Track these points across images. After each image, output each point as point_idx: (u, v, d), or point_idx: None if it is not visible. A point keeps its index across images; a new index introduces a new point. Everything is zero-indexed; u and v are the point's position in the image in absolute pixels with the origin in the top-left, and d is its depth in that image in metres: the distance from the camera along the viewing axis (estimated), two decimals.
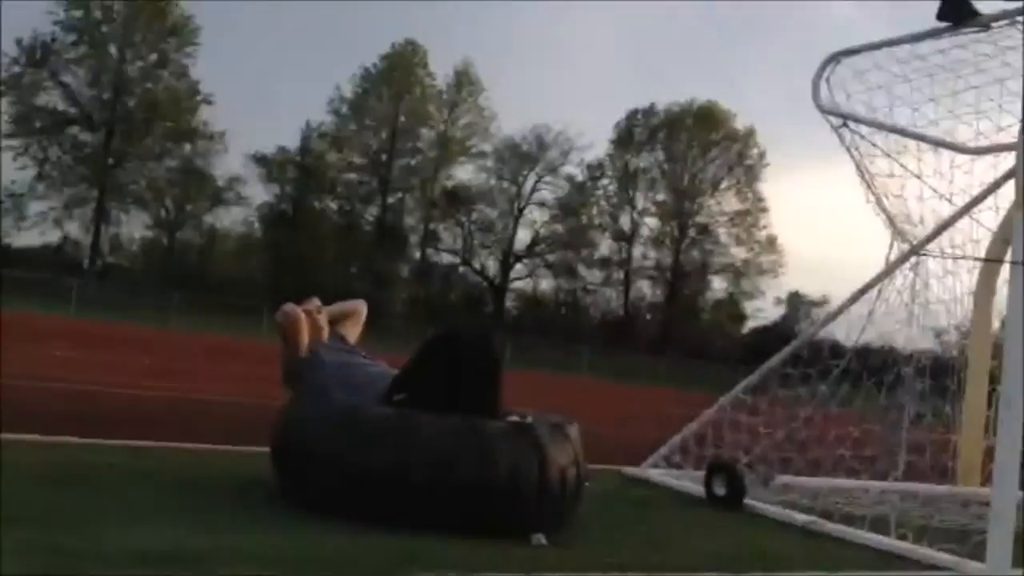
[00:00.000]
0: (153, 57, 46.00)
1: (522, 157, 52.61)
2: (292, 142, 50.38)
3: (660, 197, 54.06)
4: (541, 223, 53.33)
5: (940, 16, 5.19)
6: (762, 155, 52.87)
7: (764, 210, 53.08)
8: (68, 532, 2.68)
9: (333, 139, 50.88)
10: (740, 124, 52.75)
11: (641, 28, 66.69)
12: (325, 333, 4.26)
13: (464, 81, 52.22)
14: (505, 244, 52.66)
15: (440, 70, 51.79)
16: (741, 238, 53.35)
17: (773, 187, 53.52)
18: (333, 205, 51.69)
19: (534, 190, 53.06)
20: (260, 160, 48.91)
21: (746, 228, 53.25)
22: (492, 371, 3.72)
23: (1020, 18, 4.86)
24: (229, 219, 51.08)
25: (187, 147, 47.02)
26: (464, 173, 53.26)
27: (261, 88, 62.22)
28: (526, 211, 52.98)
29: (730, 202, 53.65)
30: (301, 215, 49.20)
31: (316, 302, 4.35)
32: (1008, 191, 5.13)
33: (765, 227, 53.07)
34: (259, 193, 50.20)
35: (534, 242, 53.29)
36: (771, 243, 52.90)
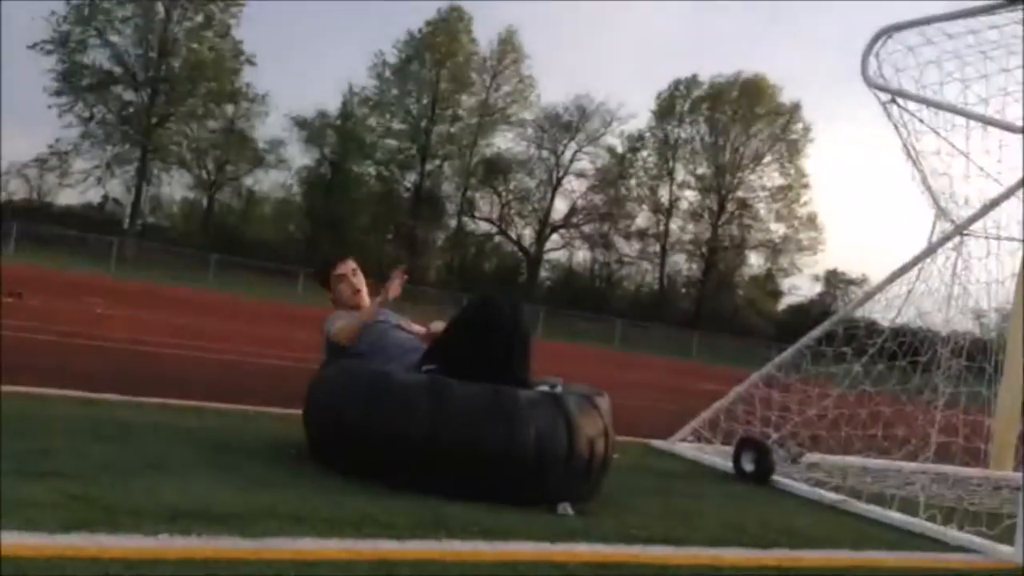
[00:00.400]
0: (199, 18, 46.18)
1: (563, 126, 52.32)
2: (333, 106, 50.53)
3: (700, 170, 53.56)
4: (579, 194, 53.16)
5: None
6: (807, 130, 52.19)
7: (806, 186, 52.49)
8: (103, 486, 2.74)
9: (375, 104, 50.90)
10: (786, 98, 52.05)
11: None
12: (364, 294, 4.30)
13: (507, 48, 51.92)
14: (542, 214, 52.57)
15: (484, 37, 51.59)
16: (781, 214, 52.78)
17: (816, 163, 52.80)
18: (372, 170, 51.79)
19: (573, 160, 52.84)
20: (301, 123, 49.10)
21: (787, 204, 52.65)
22: (523, 339, 3.73)
23: None
24: (268, 182, 51.55)
25: (230, 109, 47.26)
26: (504, 142, 53.16)
27: (305, 51, 62.40)
28: (564, 181, 52.82)
29: (771, 177, 53.10)
30: (339, 179, 49.35)
31: (352, 264, 4.38)
32: None
33: (806, 203, 52.53)
34: (299, 156, 50.56)
35: (571, 212, 53.13)
36: (811, 220, 52.34)
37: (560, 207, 52.93)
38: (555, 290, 51.31)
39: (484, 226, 53.66)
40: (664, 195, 53.45)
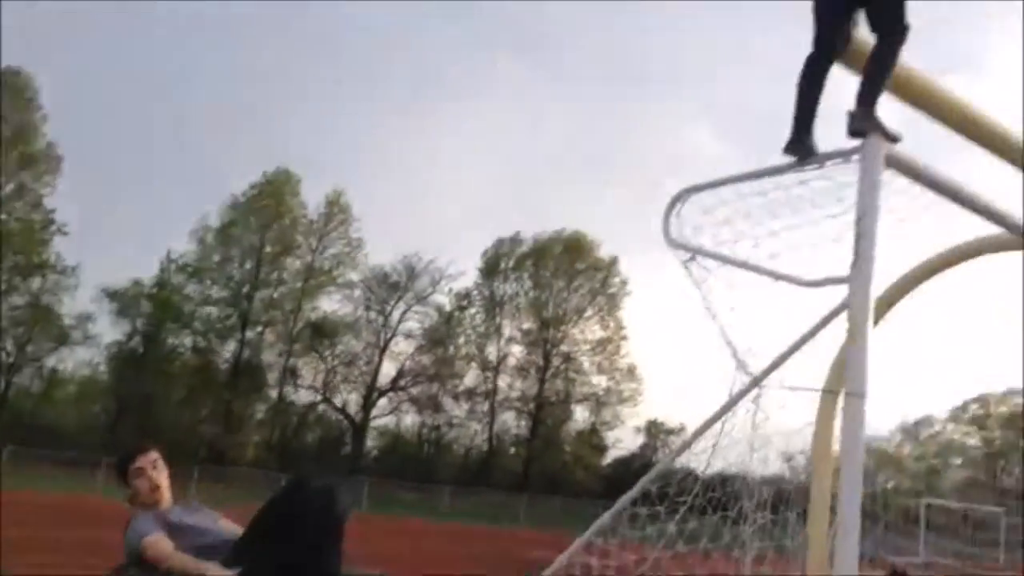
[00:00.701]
0: (11, 187, 43.96)
1: (391, 286, 52.54)
2: (149, 274, 48.80)
3: (526, 325, 54.73)
4: (407, 355, 52.93)
5: (786, 150, 5.42)
6: (624, 283, 54.63)
7: (625, 338, 54.44)
8: None
9: (194, 270, 49.55)
10: (604, 253, 54.56)
11: (511, 158, 68.91)
12: (164, 490, 3.94)
13: (335, 210, 52.21)
14: (369, 378, 51.77)
15: (311, 199, 51.72)
16: (603, 366, 54.32)
17: (633, 315, 55.10)
18: (188, 341, 49.82)
19: (402, 320, 52.86)
20: (112, 295, 46.97)
21: (608, 356, 54.31)
22: (336, 529, 3.44)
23: (855, 156, 5.10)
24: (73, 361, 48.40)
25: (35, 282, 44.66)
26: (330, 304, 52.75)
27: (120, 217, 60.55)
28: (392, 343, 52.58)
29: (593, 330, 54.88)
30: (152, 353, 47.07)
31: (153, 455, 4.02)
32: (843, 322, 5.26)
33: (626, 355, 54.35)
34: (108, 331, 48.02)
35: (399, 375, 52.64)
36: (631, 371, 54.05)
37: (388, 370, 52.48)
38: (382, 459, 50.14)
39: (307, 395, 52.19)
40: (492, 352, 54.10)
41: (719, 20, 67.77)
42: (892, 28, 5.17)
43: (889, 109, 5.59)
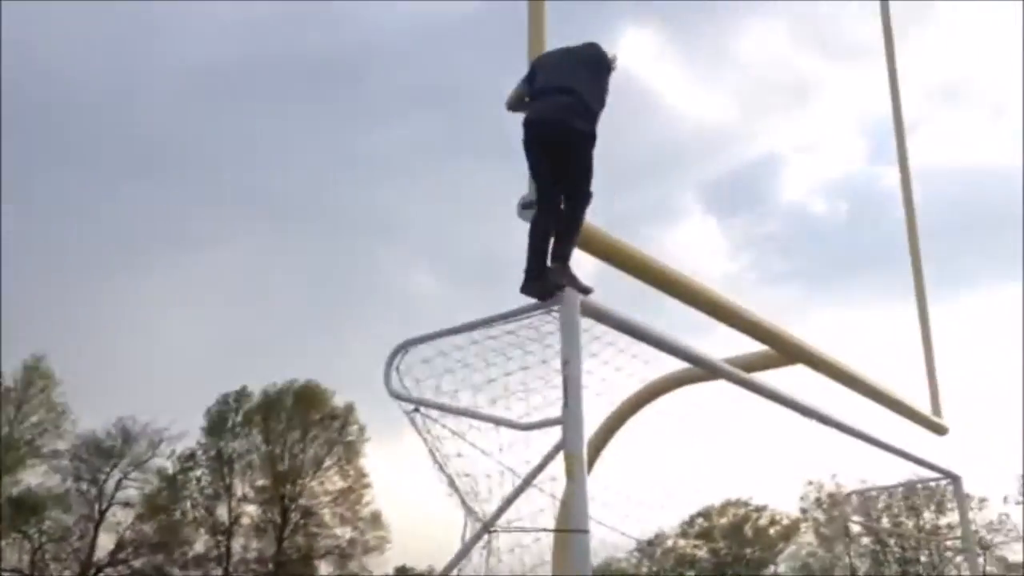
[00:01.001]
0: None
1: (104, 453, 48.33)
2: None
3: (260, 482, 52.14)
4: (127, 525, 48.46)
5: (523, 290, 5.73)
6: (362, 430, 53.75)
7: (367, 486, 53.25)
8: None
9: None
10: (340, 400, 53.62)
11: (236, 311, 66.84)
12: None
13: (34, 376, 47.79)
14: (83, 554, 46.74)
15: (6, 365, 47.07)
16: (346, 517, 52.58)
17: (375, 461, 54.16)
18: None
19: (118, 488, 48.55)
20: None
21: (350, 506, 52.76)
22: None
23: (555, 308, 5.53)
24: None
25: None
26: (34, 477, 47.45)
27: None
28: (109, 513, 47.97)
29: (333, 481, 53.21)
30: None
31: None
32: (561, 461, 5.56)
33: (369, 503, 53.06)
34: None
35: (118, 547, 47.92)
36: (375, 519, 52.73)
37: (105, 543, 47.66)
38: None
39: None
40: (223, 514, 50.78)
41: (443, 171, 71.16)
42: (577, 194, 5.77)
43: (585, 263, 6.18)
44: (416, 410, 6.18)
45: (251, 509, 51.48)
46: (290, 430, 52.55)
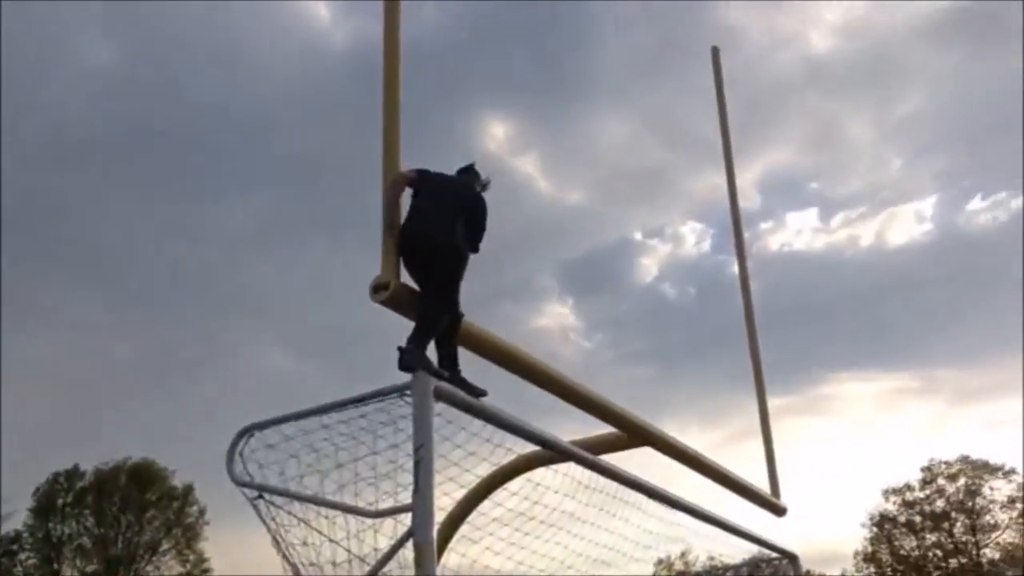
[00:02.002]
0: None
1: None
2: None
3: (91, 567, 48.75)
4: None
5: (401, 367, 5.64)
6: (202, 512, 51.24)
7: (207, 571, 50.56)
8: None
9: None
10: (179, 480, 51.03)
11: (68, 385, 62.98)
12: None
13: None
14: None
15: None
16: None
17: (216, 546, 51.47)
18: None
19: None
20: None
21: None
22: None
23: (408, 392, 5.47)
24: None
25: None
26: None
27: None
28: None
29: (170, 566, 50.29)
30: None
31: None
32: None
33: None
34: None
35: None
36: None
37: None
38: None
39: None
40: None
41: (299, 246, 70.06)
42: (437, 296, 5.85)
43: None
44: (260, 497, 5.96)
45: None
46: (124, 511, 49.54)
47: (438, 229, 5.96)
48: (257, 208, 69.54)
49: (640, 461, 8.64)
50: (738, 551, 11.55)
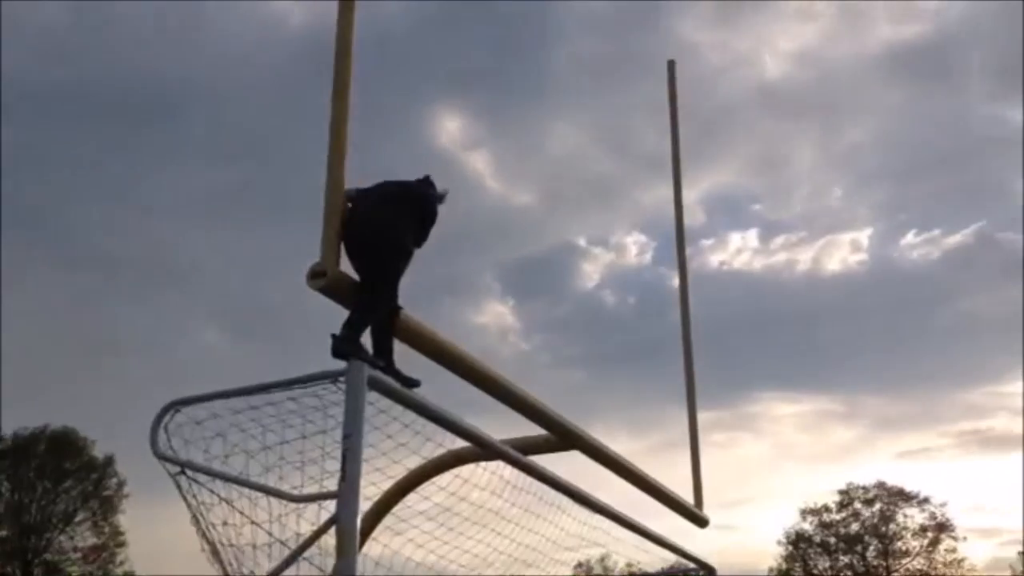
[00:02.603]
0: None
1: None
2: None
3: (2, 533, 47.48)
4: None
5: (335, 354, 5.59)
6: (122, 484, 50.20)
7: (122, 545, 49.62)
8: None
9: None
10: (100, 451, 49.94)
11: None
12: None
13: None
14: None
15: None
16: None
17: (134, 520, 50.47)
18: None
19: None
20: None
21: (102, 564, 48.93)
22: None
23: (341, 378, 5.44)
24: None
25: None
26: None
27: None
28: None
29: (84, 536, 49.25)
30: None
31: None
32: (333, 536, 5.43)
33: (123, 563, 49.37)
34: None
35: None
36: None
37: None
38: None
39: None
40: None
41: (238, 224, 69.05)
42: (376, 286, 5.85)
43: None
44: (182, 472, 5.89)
45: None
46: (41, 478, 48.31)
47: (382, 220, 5.94)
48: (204, 182, 68.48)
49: (568, 465, 8.71)
50: (657, 559, 11.70)
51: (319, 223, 5.78)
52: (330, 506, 5.67)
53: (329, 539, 5.76)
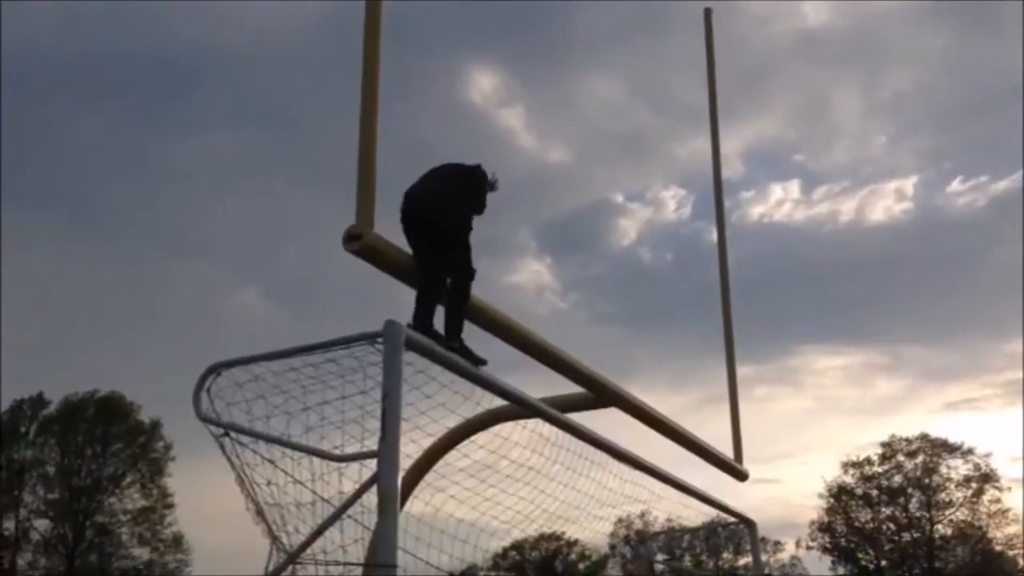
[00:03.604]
0: None
1: None
2: None
3: (52, 496, 48.75)
4: None
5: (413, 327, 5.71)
6: (168, 447, 51.21)
7: (170, 506, 50.71)
8: None
9: None
10: (146, 416, 50.93)
11: (35, 314, 62.38)
12: None
13: None
14: None
15: None
16: (144, 537, 49.85)
17: (181, 481, 51.51)
18: None
19: None
20: None
21: (150, 526, 50.08)
22: None
23: (379, 339, 5.47)
24: None
25: None
26: None
27: None
28: None
29: (133, 499, 50.39)
30: None
31: None
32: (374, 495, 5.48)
33: (171, 524, 50.49)
34: None
35: None
36: (177, 541, 50.23)
37: None
38: None
39: None
40: (10, 527, 47.12)
41: (268, 190, 69.35)
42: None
43: None
44: (226, 434, 5.96)
45: (41, 524, 48.10)
46: (90, 443, 49.44)
47: (428, 198, 6.10)
48: (241, 147, 68.80)
49: (606, 421, 8.73)
50: (697, 514, 11.73)
51: (351, 186, 5.77)
52: (371, 465, 5.73)
53: (371, 497, 5.83)
